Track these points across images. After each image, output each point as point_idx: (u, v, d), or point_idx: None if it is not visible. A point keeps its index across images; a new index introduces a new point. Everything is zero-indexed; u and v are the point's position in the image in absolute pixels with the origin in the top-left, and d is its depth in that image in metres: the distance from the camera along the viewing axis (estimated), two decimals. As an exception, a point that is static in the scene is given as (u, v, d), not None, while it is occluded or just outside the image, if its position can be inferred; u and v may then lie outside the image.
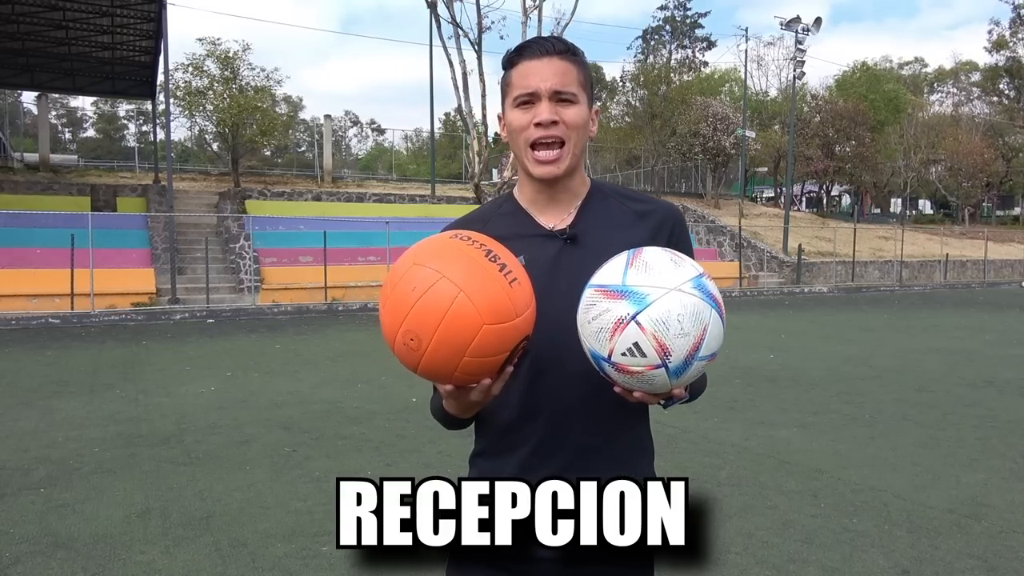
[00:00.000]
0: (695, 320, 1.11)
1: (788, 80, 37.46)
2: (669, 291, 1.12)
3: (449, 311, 1.10)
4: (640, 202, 1.44)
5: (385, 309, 1.16)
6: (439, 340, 1.10)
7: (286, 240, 19.02)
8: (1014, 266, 31.28)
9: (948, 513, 4.06)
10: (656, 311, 1.10)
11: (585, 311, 1.18)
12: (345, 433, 5.75)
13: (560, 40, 1.35)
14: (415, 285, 1.12)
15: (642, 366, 1.12)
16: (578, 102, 1.33)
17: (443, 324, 1.10)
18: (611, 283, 1.15)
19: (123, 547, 3.58)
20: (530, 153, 1.32)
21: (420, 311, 1.10)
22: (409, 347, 1.12)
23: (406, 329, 1.11)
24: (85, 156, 40.86)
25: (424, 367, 1.14)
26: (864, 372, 8.57)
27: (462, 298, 1.10)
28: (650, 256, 1.17)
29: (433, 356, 1.11)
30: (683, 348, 1.11)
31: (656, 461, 1.53)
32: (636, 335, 1.10)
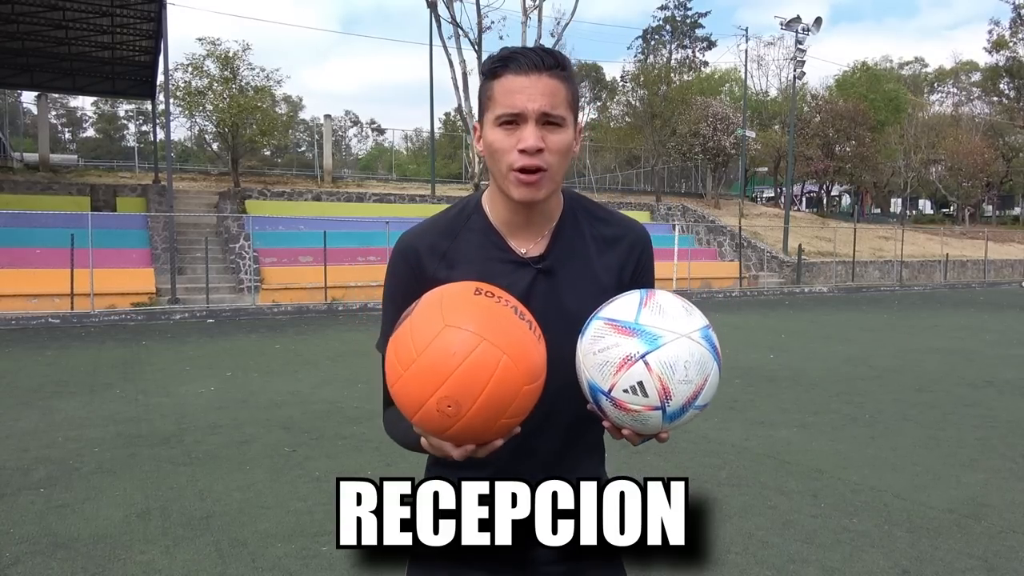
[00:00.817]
0: (700, 369, 1.13)
1: (788, 80, 37.50)
2: (680, 337, 1.13)
3: (495, 375, 1.06)
4: (611, 225, 1.40)
5: (411, 374, 1.08)
6: (482, 405, 1.06)
7: (286, 240, 19.02)
8: (1014, 266, 31.28)
9: (948, 513, 4.06)
10: (665, 354, 1.11)
11: (592, 342, 1.17)
12: (345, 433, 5.75)
13: (549, 53, 1.26)
14: (454, 350, 1.06)
15: (641, 405, 1.13)
16: (565, 126, 1.25)
17: (488, 389, 1.06)
18: (624, 319, 1.15)
19: (123, 547, 3.58)
20: (511, 175, 1.25)
21: (463, 376, 1.05)
22: (445, 414, 1.07)
23: (443, 396, 1.06)
24: (85, 156, 40.86)
25: (456, 431, 1.09)
26: (864, 372, 8.57)
27: (506, 361, 1.07)
28: (664, 300, 1.18)
29: (472, 421, 1.07)
30: (684, 394, 1.13)
31: (656, 461, 1.54)
32: (642, 374, 1.11)
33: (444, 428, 1.09)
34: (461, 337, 1.07)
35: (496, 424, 1.10)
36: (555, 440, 1.36)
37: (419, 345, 1.08)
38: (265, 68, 24.12)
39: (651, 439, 1.25)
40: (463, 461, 1.34)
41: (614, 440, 1.27)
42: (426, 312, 1.12)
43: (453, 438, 1.11)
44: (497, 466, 1.33)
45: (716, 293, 21.26)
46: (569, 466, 1.38)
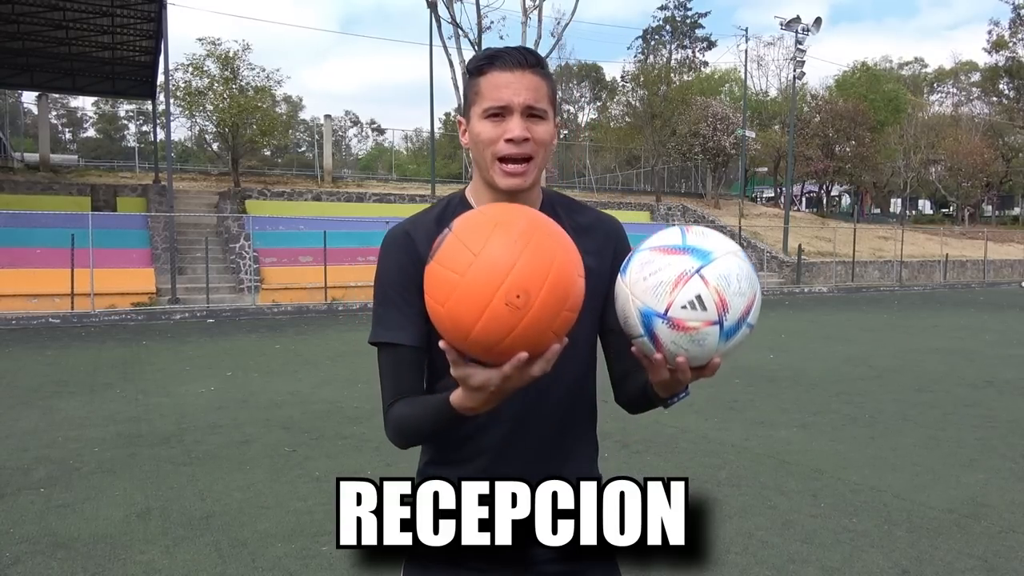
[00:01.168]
0: (750, 283, 1.16)
1: (788, 80, 37.51)
2: (729, 252, 1.16)
3: (556, 261, 1.07)
4: (585, 215, 1.47)
5: (472, 276, 1.05)
6: (548, 292, 1.05)
7: (286, 240, 19.02)
8: (1014, 266, 31.29)
9: (948, 513, 4.06)
10: (720, 267, 1.14)
11: (639, 269, 1.18)
12: (345, 433, 5.75)
13: (531, 52, 1.34)
14: (515, 239, 1.06)
15: (700, 321, 1.13)
16: (547, 118, 1.33)
17: (552, 274, 1.06)
18: (672, 243, 1.18)
19: (123, 547, 3.58)
20: (497, 165, 1.31)
21: (528, 264, 1.05)
22: (513, 306, 1.03)
23: (512, 285, 1.03)
24: (85, 156, 40.88)
25: (523, 328, 1.05)
26: (864, 372, 8.57)
27: (560, 249, 1.09)
28: (701, 227, 1.22)
29: (540, 312, 1.04)
30: (739, 307, 1.14)
31: (656, 461, 1.55)
32: (700, 287, 1.12)
33: (511, 326, 1.05)
34: (517, 230, 1.08)
35: (560, 315, 1.08)
36: (547, 430, 1.38)
37: (475, 247, 1.07)
38: (265, 68, 24.16)
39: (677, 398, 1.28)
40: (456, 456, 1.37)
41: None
42: (468, 223, 1.12)
43: (517, 339, 1.06)
44: (490, 456, 1.35)
45: (716, 293, 21.24)
46: (560, 460, 1.39)
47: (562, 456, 1.39)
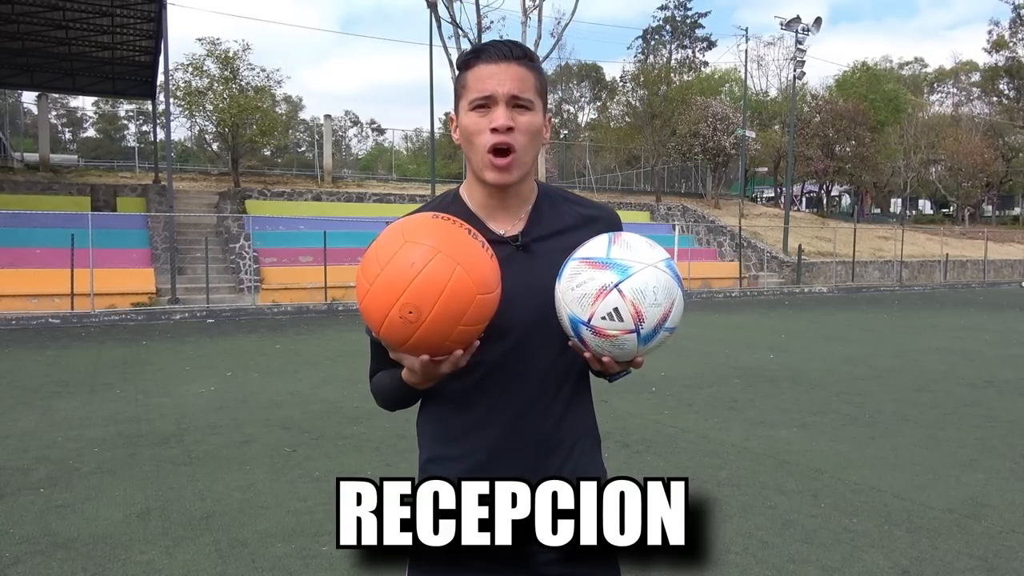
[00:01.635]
0: (667, 294, 1.25)
1: (788, 80, 37.50)
2: (647, 266, 1.26)
3: (450, 283, 1.16)
4: (585, 206, 1.49)
5: (376, 287, 1.19)
6: (440, 310, 1.16)
7: (286, 240, 19.02)
8: (1014, 266, 31.28)
9: (948, 513, 4.06)
10: (636, 281, 1.24)
11: (569, 279, 1.28)
12: (345, 433, 5.75)
13: (518, 45, 1.36)
14: (413, 260, 1.17)
15: (618, 330, 1.24)
16: (534, 109, 1.34)
17: (444, 295, 1.16)
18: (596, 256, 1.27)
19: (123, 547, 3.58)
20: (486, 158, 1.33)
21: (422, 284, 1.16)
22: (407, 320, 1.17)
23: (404, 303, 1.16)
24: (85, 156, 40.89)
25: (418, 338, 1.18)
26: (864, 372, 8.57)
27: (460, 271, 1.18)
28: (629, 237, 1.31)
29: (431, 326, 1.17)
30: (655, 317, 1.24)
31: (656, 461, 1.56)
32: (617, 301, 1.23)
33: (407, 335, 1.18)
34: (420, 250, 1.18)
35: (455, 331, 1.19)
36: (549, 418, 1.38)
37: (383, 260, 1.19)
38: (265, 68, 24.15)
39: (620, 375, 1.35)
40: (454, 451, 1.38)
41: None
42: (389, 234, 1.23)
43: (416, 345, 1.20)
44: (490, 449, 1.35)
45: (716, 293, 21.26)
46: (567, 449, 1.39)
47: (563, 451, 1.39)
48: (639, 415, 6.27)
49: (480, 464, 1.35)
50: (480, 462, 1.35)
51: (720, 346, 10.35)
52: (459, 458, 1.38)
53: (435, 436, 1.42)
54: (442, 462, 1.40)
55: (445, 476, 1.33)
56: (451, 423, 1.38)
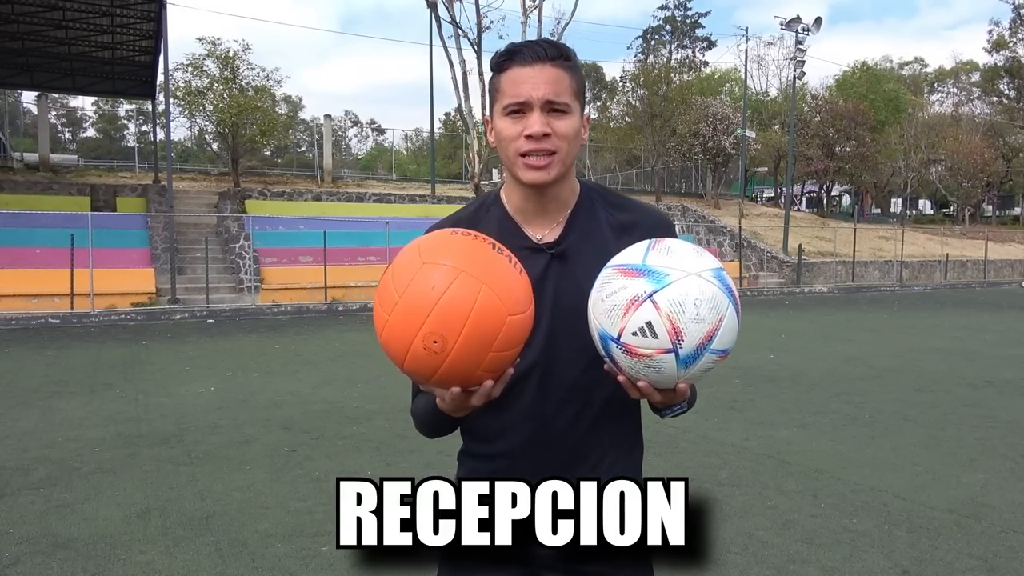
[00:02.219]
0: (712, 308, 1.08)
1: (788, 80, 37.48)
2: (689, 275, 1.09)
3: (476, 305, 1.05)
4: (629, 211, 1.41)
5: (395, 317, 1.08)
6: (467, 337, 1.05)
7: (286, 240, 19.01)
8: (1014, 266, 31.28)
9: (948, 513, 4.06)
10: (674, 292, 1.07)
11: (599, 289, 1.15)
12: (345, 433, 5.75)
13: (553, 45, 1.30)
14: (433, 283, 1.06)
15: (652, 348, 1.08)
16: (570, 112, 1.29)
17: (471, 319, 1.05)
18: (630, 262, 1.13)
19: (123, 547, 3.58)
20: (520, 160, 1.29)
21: (444, 309, 1.04)
22: (431, 350, 1.05)
23: (428, 331, 1.05)
24: (85, 156, 40.89)
25: (446, 369, 1.07)
26: (864, 372, 8.57)
27: (486, 290, 1.07)
28: (673, 243, 1.15)
29: (459, 355, 1.06)
30: (697, 335, 1.07)
31: (656, 461, 1.55)
32: (650, 314, 1.07)
33: (434, 368, 1.07)
34: (439, 272, 1.07)
35: (485, 358, 1.08)
36: (577, 427, 1.35)
37: (400, 286, 1.08)
38: (265, 68, 24.15)
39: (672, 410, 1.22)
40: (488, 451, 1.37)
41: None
42: (405, 256, 1.12)
43: (444, 378, 1.08)
44: (519, 453, 1.34)
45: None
46: (595, 460, 1.36)
47: (592, 462, 1.36)
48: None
49: (509, 466, 1.34)
50: (509, 464, 1.34)
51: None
52: (491, 457, 1.38)
53: (470, 434, 1.43)
54: (475, 459, 1.42)
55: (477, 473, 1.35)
56: (483, 423, 1.37)
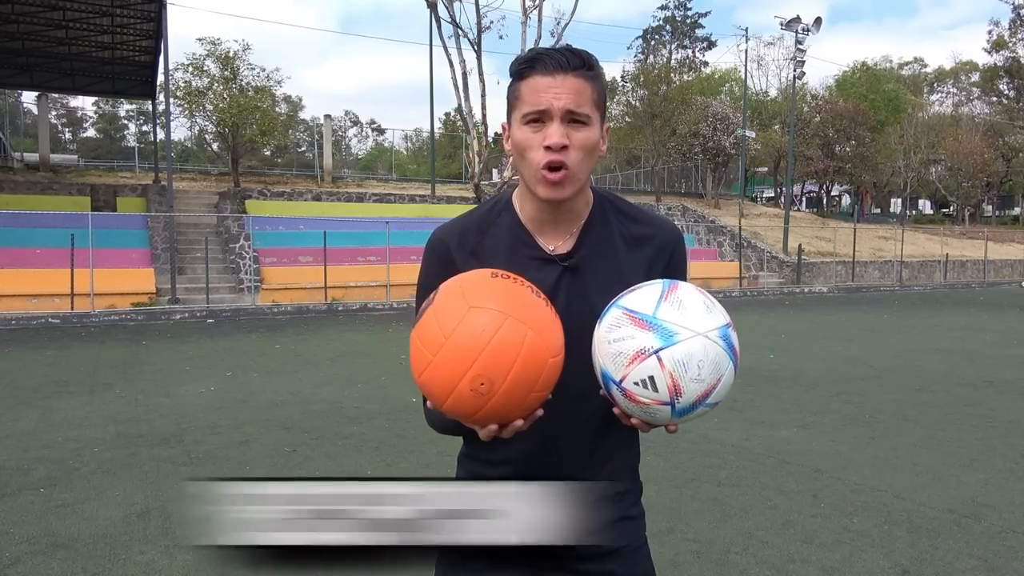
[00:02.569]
0: (713, 369, 1.13)
1: (788, 80, 37.50)
2: (696, 335, 1.12)
3: (523, 349, 1.09)
4: (641, 224, 1.40)
5: (441, 359, 1.10)
6: (513, 380, 1.09)
7: (286, 240, 19.02)
8: (1014, 266, 31.28)
9: (948, 513, 4.06)
10: (679, 352, 1.11)
11: (608, 330, 1.17)
12: (345, 433, 5.75)
13: (576, 54, 1.27)
14: (482, 328, 1.09)
15: (650, 399, 1.13)
16: (590, 124, 1.27)
17: (518, 363, 1.09)
18: (642, 311, 1.15)
19: (123, 547, 3.58)
20: (539, 173, 1.26)
21: (494, 353, 1.08)
22: (477, 392, 1.09)
23: (476, 374, 1.08)
24: (85, 156, 40.91)
25: (489, 409, 1.11)
26: (864, 372, 8.57)
27: (531, 335, 1.11)
28: (685, 295, 1.17)
29: (503, 398, 1.09)
30: (694, 393, 1.12)
31: (656, 461, 1.55)
32: (654, 369, 1.11)
33: (476, 408, 1.11)
34: (488, 316, 1.10)
35: (527, 399, 1.12)
36: (582, 439, 1.36)
37: (446, 329, 1.10)
38: (265, 68, 24.16)
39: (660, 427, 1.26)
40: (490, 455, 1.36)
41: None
42: (448, 298, 1.14)
43: (484, 418, 1.12)
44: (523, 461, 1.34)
45: (716, 293, 21.25)
46: (596, 467, 1.37)
47: (599, 462, 1.37)
48: (639, 415, 6.26)
49: (513, 472, 1.34)
50: (513, 471, 1.34)
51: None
52: (495, 464, 1.37)
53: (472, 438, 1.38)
54: (477, 463, 1.41)
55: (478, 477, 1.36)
56: None
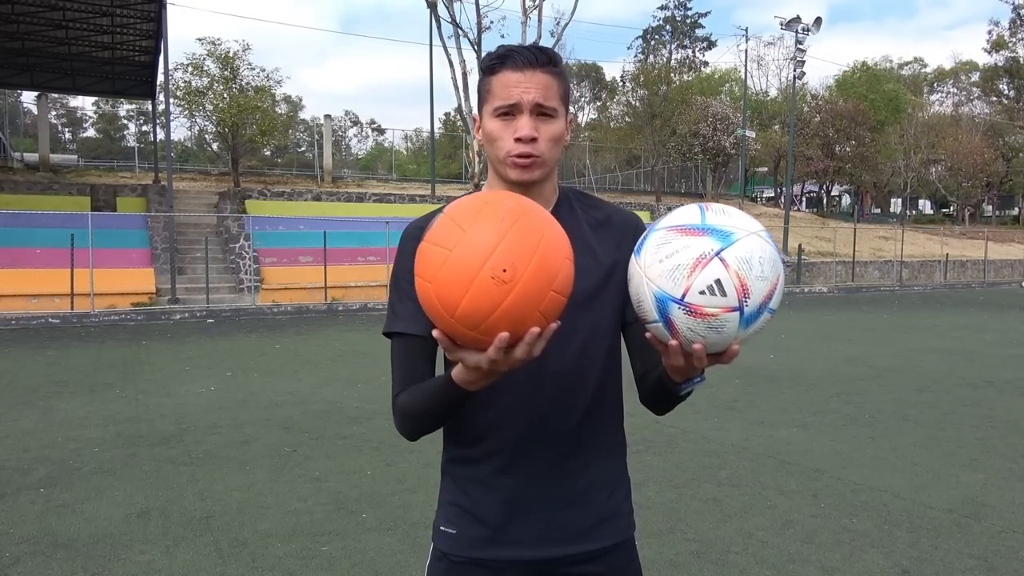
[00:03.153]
0: (773, 266, 1.10)
1: (788, 80, 37.50)
2: (751, 233, 1.10)
3: (543, 239, 1.06)
4: (602, 210, 1.47)
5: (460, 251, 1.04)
6: (536, 266, 1.03)
7: (286, 240, 19.01)
8: (1014, 266, 31.28)
9: (948, 513, 4.06)
10: (741, 249, 1.08)
11: (657, 249, 1.12)
12: (345, 433, 5.75)
13: (542, 51, 1.35)
14: (502, 216, 1.06)
15: (719, 307, 1.08)
16: (557, 116, 1.34)
17: (541, 249, 1.04)
18: (690, 222, 1.12)
19: (123, 547, 3.58)
20: (508, 159, 1.33)
21: (517, 237, 1.04)
22: (499, 280, 1.02)
23: (497, 261, 1.02)
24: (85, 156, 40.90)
25: (510, 303, 1.03)
26: (864, 372, 8.57)
27: (549, 229, 1.08)
28: (721, 205, 1.16)
29: (526, 288, 1.03)
30: (761, 292, 1.09)
31: (656, 461, 1.55)
32: (719, 271, 1.07)
33: (497, 302, 1.03)
34: (506, 206, 1.08)
35: (547, 296, 1.05)
36: (569, 422, 1.36)
37: (464, 223, 1.06)
38: (265, 68, 24.16)
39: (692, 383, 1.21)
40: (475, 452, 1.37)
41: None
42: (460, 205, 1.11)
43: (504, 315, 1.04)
44: (512, 451, 1.35)
45: (716, 293, 21.26)
46: (586, 458, 1.38)
47: (588, 452, 1.38)
48: (639, 415, 6.25)
49: (504, 466, 1.34)
50: (504, 464, 1.35)
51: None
52: (482, 459, 1.37)
53: (456, 437, 1.41)
54: (464, 464, 1.39)
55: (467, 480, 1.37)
56: (473, 423, 1.36)
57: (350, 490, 4.36)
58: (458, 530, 1.36)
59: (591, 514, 1.37)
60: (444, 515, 1.40)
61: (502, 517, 1.34)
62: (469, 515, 1.36)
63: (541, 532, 1.34)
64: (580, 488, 1.36)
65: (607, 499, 1.39)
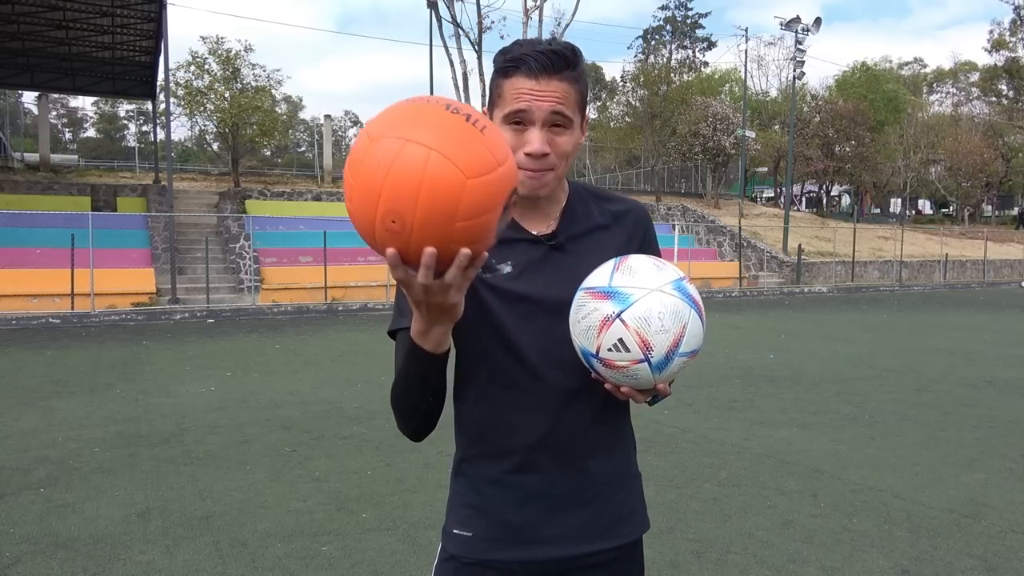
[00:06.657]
0: (675, 318, 1.20)
1: (788, 80, 37.50)
2: (651, 291, 1.21)
3: (426, 174, 0.98)
4: (613, 202, 1.47)
5: (354, 201, 1.03)
6: (424, 210, 0.98)
7: (286, 240, 19.01)
8: (1014, 266, 31.27)
9: (948, 513, 4.06)
10: (638, 309, 1.19)
11: (576, 311, 1.25)
12: (345, 433, 5.75)
13: (560, 55, 1.26)
14: (379, 160, 0.99)
15: (627, 360, 1.20)
16: (571, 127, 1.28)
17: (423, 190, 0.98)
18: (598, 285, 1.24)
19: (123, 547, 3.58)
20: (519, 172, 1.28)
21: (394, 185, 0.98)
22: (392, 230, 1.00)
23: (384, 211, 0.99)
24: (85, 156, 40.93)
25: (416, 247, 1.01)
26: (864, 372, 8.57)
27: (435, 157, 0.98)
28: (634, 262, 1.26)
29: (423, 231, 0.99)
30: (664, 344, 1.19)
31: (656, 461, 1.56)
32: (621, 331, 1.19)
33: (403, 247, 1.02)
34: (384, 145, 1.00)
35: (452, 229, 1.00)
36: (584, 418, 1.36)
37: (352, 168, 1.03)
38: (265, 68, 24.17)
39: (659, 398, 1.30)
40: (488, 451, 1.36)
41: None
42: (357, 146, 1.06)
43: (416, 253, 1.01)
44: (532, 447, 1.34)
45: (716, 293, 21.25)
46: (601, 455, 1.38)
47: (605, 449, 1.39)
48: (639, 415, 6.25)
49: (522, 463, 1.33)
50: (520, 463, 1.34)
51: (720, 346, 10.34)
52: (498, 456, 1.35)
53: (471, 436, 1.39)
54: (478, 462, 1.38)
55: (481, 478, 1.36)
56: (488, 421, 1.36)
57: (350, 490, 4.36)
58: (474, 532, 1.34)
59: (611, 512, 1.37)
60: (457, 517, 1.37)
61: (521, 517, 1.32)
62: (485, 516, 1.34)
63: (561, 531, 1.33)
64: (598, 486, 1.36)
65: (626, 497, 1.40)
